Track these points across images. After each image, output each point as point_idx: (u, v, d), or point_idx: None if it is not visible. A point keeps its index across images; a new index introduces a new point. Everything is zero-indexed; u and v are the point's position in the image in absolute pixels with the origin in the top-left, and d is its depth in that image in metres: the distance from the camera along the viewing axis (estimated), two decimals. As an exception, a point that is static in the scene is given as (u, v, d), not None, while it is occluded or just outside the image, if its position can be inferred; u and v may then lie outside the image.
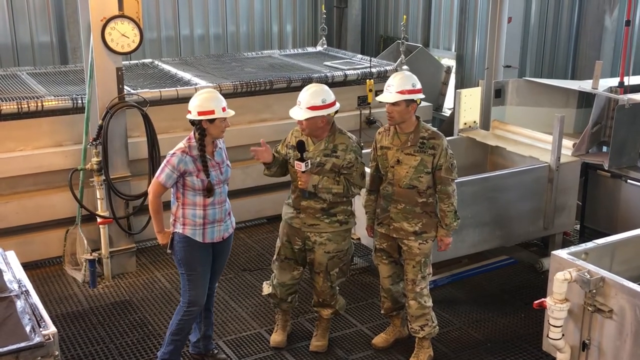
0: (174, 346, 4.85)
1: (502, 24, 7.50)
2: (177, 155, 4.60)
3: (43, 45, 10.04)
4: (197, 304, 4.77)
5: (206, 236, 4.72)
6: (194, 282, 4.74)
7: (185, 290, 4.76)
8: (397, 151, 4.87)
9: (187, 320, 4.80)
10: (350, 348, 5.41)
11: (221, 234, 4.79)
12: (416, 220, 4.90)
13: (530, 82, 7.45)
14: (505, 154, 6.83)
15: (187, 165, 4.59)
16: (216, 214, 4.73)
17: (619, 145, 6.21)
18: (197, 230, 4.69)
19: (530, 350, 5.36)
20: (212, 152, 4.70)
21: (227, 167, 4.82)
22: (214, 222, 4.72)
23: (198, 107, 4.58)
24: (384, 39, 11.80)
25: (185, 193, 4.67)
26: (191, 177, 4.61)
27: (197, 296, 4.75)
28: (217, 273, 4.99)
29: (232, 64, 8.79)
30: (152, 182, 4.73)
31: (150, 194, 4.70)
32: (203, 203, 4.66)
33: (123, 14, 6.00)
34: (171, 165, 4.59)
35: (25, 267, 4.26)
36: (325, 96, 4.82)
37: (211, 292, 5.02)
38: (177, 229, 4.71)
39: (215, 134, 4.65)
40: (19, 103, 6.35)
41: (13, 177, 6.36)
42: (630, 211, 6.23)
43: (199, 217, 4.67)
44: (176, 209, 4.73)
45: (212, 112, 4.57)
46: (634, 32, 8.17)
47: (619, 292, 3.86)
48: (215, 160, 4.70)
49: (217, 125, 4.62)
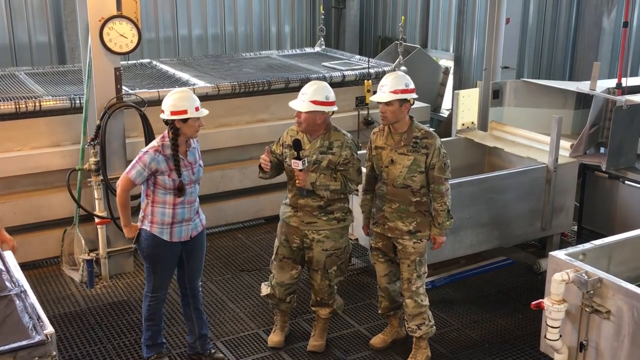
0: (152, 331, 5.03)
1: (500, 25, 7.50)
2: (149, 154, 4.62)
3: (41, 45, 10.04)
4: (161, 289, 4.94)
5: (174, 235, 4.76)
6: (157, 273, 4.89)
7: (150, 280, 4.92)
8: (391, 151, 4.89)
9: (155, 305, 4.95)
10: (347, 348, 5.41)
11: (189, 232, 4.82)
12: (410, 220, 4.91)
13: (528, 83, 7.45)
14: (503, 155, 6.84)
15: (159, 164, 4.61)
16: (185, 213, 4.75)
17: (616, 146, 6.22)
18: (165, 230, 4.73)
19: (527, 351, 5.37)
20: (185, 151, 4.72)
21: (200, 167, 4.85)
22: (182, 222, 4.76)
23: (171, 106, 4.59)
24: (382, 40, 11.81)
25: (155, 191, 4.69)
26: (162, 176, 4.63)
27: (159, 284, 4.91)
28: (195, 272, 5.01)
29: (230, 64, 8.79)
30: (121, 177, 4.75)
31: (119, 187, 4.73)
32: (173, 202, 4.69)
33: (121, 14, 5.99)
34: (143, 162, 4.62)
35: (22, 267, 4.25)
36: (328, 93, 4.86)
37: (195, 292, 5.05)
38: (144, 226, 4.77)
39: (188, 134, 4.66)
40: (17, 103, 6.35)
41: (11, 177, 6.36)
42: (627, 212, 6.24)
43: (167, 217, 4.71)
44: (145, 206, 4.76)
45: (184, 112, 4.57)
46: (631, 33, 8.19)
47: (617, 293, 3.86)
48: (187, 160, 4.72)
49: (191, 125, 4.62)
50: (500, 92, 7.24)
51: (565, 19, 9.20)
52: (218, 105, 7.25)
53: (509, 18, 7.72)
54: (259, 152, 7.29)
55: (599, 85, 6.65)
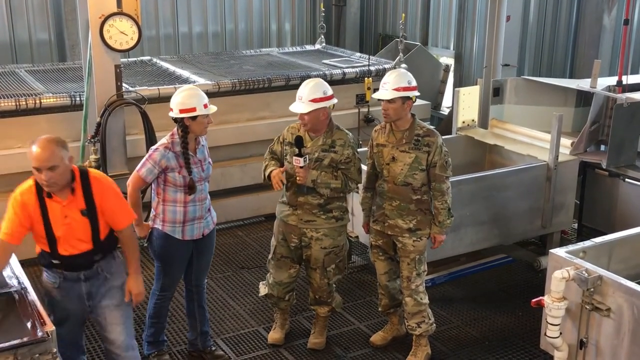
0: (155, 328, 5.02)
1: (500, 23, 7.50)
2: (159, 151, 4.61)
3: (41, 43, 10.04)
4: (170, 289, 4.93)
5: (186, 233, 4.74)
6: (168, 273, 4.87)
7: (159, 278, 4.90)
8: (393, 148, 4.88)
9: (162, 303, 4.94)
10: (348, 346, 5.41)
11: (201, 230, 4.81)
12: (411, 218, 4.91)
13: (528, 81, 7.45)
14: (504, 152, 6.83)
15: (170, 161, 4.60)
16: (196, 211, 4.74)
17: (617, 144, 6.21)
18: (177, 228, 4.72)
19: (528, 349, 5.37)
20: (194, 149, 4.71)
21: (209, 164, 4.84)
22: (194, 220, 4.75)
23: (179, 104, 4.58)
24: (383, 37, 11.80)
25: (166, 189, 4.68)
26: (173, 174, 4.62)
27: (169, 283, 4.90)
28: (203, 269, 5.01)
29: (231, 61, 8.79)
30: (132, 175, 4.73)
31: (130, 187, 4.72)
32: (184, 200, 4.68)
33: (121, 11, 6.00)
34: (153, 160, 4.61)
35: (23, 264, 4.25)
36: (325, 88, 4.86)
37: (201, 289, 5.05)
38: (156, 225, 4.75)
39: (197, 131, 4.65)
40: (17, 100, 6.35)
41: (11, 175, 6.34)
42: (628, 210, 6.24)
43: (179, 215, 4.69)
44: (156, 204, 4.76)
45: (193, 109, 4.56)
46: (632, 31, 8.18)
47: (617, 291, 3.86)
48: (197, 157, 4.72)
49: (200, 122, 4.61)
50: (500, 90, 7.24)
51: (566, 17, 9.20)
52: (218, 102, 7.12)
53: (510, 15, 7.71)
54: (259, 150, 7.39)
55: (600, 83, 6.64)
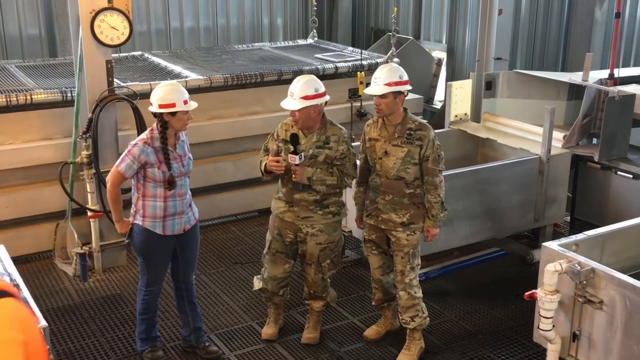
0: (146, 325, 5.02)
1: (492, 16, 7.51)
2: (138, 146, 4.60)
3: (32, 38, 9.98)
4: (155, 283, 4.93)
5: (166, 229, 4.74)
6: (151, 269, 4.87)
7: (144, 274, 4.91)
8: (385, 142, 4.88)
9: (150, 299, 4.94)
10: (341, 340, 5.42)
11: (182, 226, 4.80)
12: (404, 212, 4.91)
13: (520, 75, 7.45)
14: (496, 146, 6.84)
15: (149, 156, 4.59)
16: (177, 206, 4.74)
17: (609, 137, 6.23)
18: (157, 223, 4.71)
19: (521, 342, 5.39)
20: (174, 144, 4.70)
21: (189, 159, 4.83)
22: (174, 215, 4.74)
23: (159, 99, 4.57)
24: (375, 32, 11.79)
25: (145, 184, 4.67)
26: (152, 169, 4.61)
27: (154, 278, 4.91)
28: (189, 265, 5.00)
29: (223, 56, 8.76)
30: (111, 171, 4.73)
31: (109, 182, 4.72)
32: (164, 195, 4.67)
33: (112, 6, 5.95)
34: (132, 155, 4.60)
35: (15, 261, 4.24)
36: (317, 85, 4.84)
37: (189, 286, 5.05)
38: (137, 221, 4.75)
39: (177, 127, 4.64)
40: (8, 96, 6.31)
41: (2, 171, 6.33)
42: (620, 203, 6.26)
43: (159, 210, 4.68)
44: (136, 200, 4.75)
45: (173, 105, 4.55)
46: (623, 24, 8.20)
47: (609, 284, 3.87)
48: (177, 153, 4.70)
49: (179, 118, 4.60)
50: (493, 84, 7.24)
51: (558, 10, 9.21)
52: (210, 97, 7.23)
53: (502, 9, 7.72)
54: (252, 145, 7.39)
55: (592, 76, 6.66)
